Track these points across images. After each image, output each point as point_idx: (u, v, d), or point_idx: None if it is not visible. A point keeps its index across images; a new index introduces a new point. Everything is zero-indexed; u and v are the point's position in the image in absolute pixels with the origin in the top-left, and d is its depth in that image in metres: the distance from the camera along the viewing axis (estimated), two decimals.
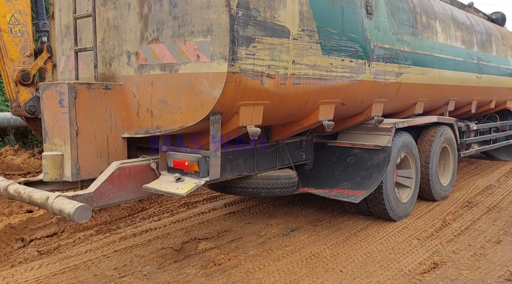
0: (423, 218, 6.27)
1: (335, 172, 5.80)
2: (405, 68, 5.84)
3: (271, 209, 6.70)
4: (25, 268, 4.48)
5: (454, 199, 7.33)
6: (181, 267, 4.49)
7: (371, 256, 4.79)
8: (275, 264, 4.56)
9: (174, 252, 4.88)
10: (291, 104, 4.32)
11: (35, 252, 4.93)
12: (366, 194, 5.24)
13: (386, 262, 4.63)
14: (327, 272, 4.37)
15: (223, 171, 4.62)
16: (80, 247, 5.09)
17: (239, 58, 3.49)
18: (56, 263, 4.60)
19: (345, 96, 5.00)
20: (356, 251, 4.93)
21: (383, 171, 5.42)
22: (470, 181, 8.77)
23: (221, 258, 4.62)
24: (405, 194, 6.23)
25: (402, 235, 5.53)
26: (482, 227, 5.87)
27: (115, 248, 5.02)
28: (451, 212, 6.53)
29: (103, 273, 4.33)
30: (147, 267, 4.49)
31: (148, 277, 4.25)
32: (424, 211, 6.58)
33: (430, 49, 6.42)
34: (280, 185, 5.36)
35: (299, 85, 4.24)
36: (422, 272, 4.40)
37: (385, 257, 4.77)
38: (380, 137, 5.74)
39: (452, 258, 4.79)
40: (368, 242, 5.25)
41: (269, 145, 5.22)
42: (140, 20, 3.82)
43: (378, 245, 5.14)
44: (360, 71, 5.05)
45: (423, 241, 5.30)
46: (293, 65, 4.12)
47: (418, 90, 6.34)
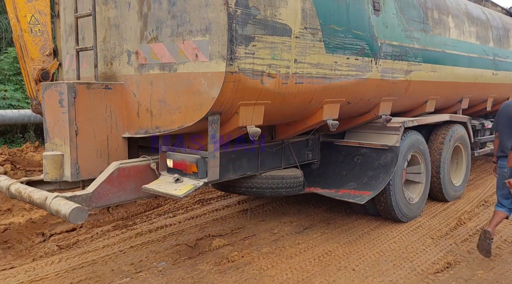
0: (438, 217, 6.21)
1: (342, 171, 5.74)
2: (414, 66, 5.73)
3: (284, 207, 6.71)
4: (45, 262, 4.61)
5: (470, 197, 7.23)
6: (195, 263, 4.56)
7: (384, 255, 4.78)
8: (287, 262, 4.60)
9: (189, 249, 4.96)
10: (294, 103, 4.27)
11: (55, 246, 5.06)
12: (373, 195, 5.16)
13: (399, 261, 4.62)
14: (339, 271, 4.38)
15: (225, 171, 4.62)
16: (98, 242, 5.21)
17: (237, 57, 3.46)
18: (75, 258, 4.73)
19: (350, 95, 4.93)
20: (369, 250, 4.92)
21: (390, 171, 5.34)
22: (487, 179, 8.62)
23: (235, 255, 4.69)
24: (415, 194, 6.13)
25: (416, 234, 5.50)
26: (498, 227, 5.69)
27: (131, 243, 5.13)
28: (466, 211, 6.46)
29: (120, 268, 4.44)
30: (162, 263, 4.57)
31: (163, 273, 4.33)
32: (438, 210, 6.51)
33: (442, 46, 6.28)
34: (285, 185, 5.32)
35: (301, 84, 4.19)
36: (436, 271, 4.37)
37: (398, 256, 4.75)
38: (388, 137, 5.64)
39: (466, 258, 4.75)
40: (381, 240, 5.23)
41: (274, 144, 5.18)
42: (140, 19, 3.82)
43: (391, 244, 5.12)
44: (367, 70, 4.97)
45: (437, 240, 5.26)
46: (295, 64, 4.08)
47: (429, 88, 6.21)
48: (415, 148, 5.98)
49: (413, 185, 6.23)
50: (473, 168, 9.88)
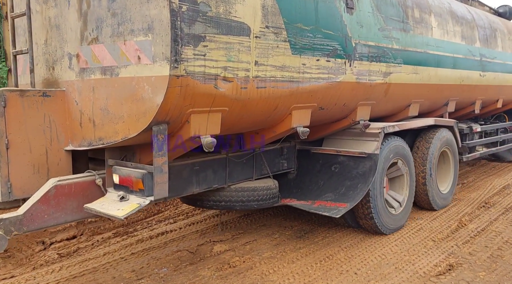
0: (439, 219, 6.18)
1: (319, 181, 5.35)
2: (394, 67, 5.37)
3: (284, 211, 6.61)
4: (46, 271, 4.57)
5: (471, 199, 7.18)
6: (196, 269, 4.56)
7: (385, 258, 4.77)
8: (289, 266, 4.59)
9: (190, 255, 4.96)
10: (257, 110, 3.89)
11: (55, 254, 5.03)
12: (349, 207, 4.78)
13: (401, 264, 4.60)
14: (341, 274, 4.37)
15: (187, 184, 4.24)
16: (99, 250, 5.19)
17: (184, 59, 3.08)
18: (76, 266, 4.71)
19: (323, 100, 4.55)
20: (371, 253, 4.90)
21: (369, 181, 4.95)
22: (487, 180, 8.58)
23: (236, 260, 4.69)
24: (398, 204, 5.74)
25: (417, 236, 5.47)
26: (500, 228, 5.77)
27: (132, 250, 5.12)
28: (467, 213, 6.42)
29: (121, 275, 4.43)
30: (163, 269, 4.57)
31: (164, 279, 4.33)
32: (439, 212, 6.47)
33: (424, 46, 5.93)
34: (257, 197, 4.94)
35: (264, 89, 3.81)
36: (438, 274, 4.36)
37: (400, 259, 4.74)
38: (367, 144, 5.27)
39: (468, 259, 4.73)
40: (382, 244, 5.21)
41: (244, 153, 4.80)
42: (80, 18, 3.43)
43: (393, 247, 5.10)
44: (340, 72, 4.60)
45: (439, 243, 5.24)
46: (256, 67, 3.70)
47: (411, 91, 5.85)
48: (397, 155, 5.60)
49: (396, 193, 5.85)
50: (473, 169, 9.84)
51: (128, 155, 3.77)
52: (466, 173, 9.39)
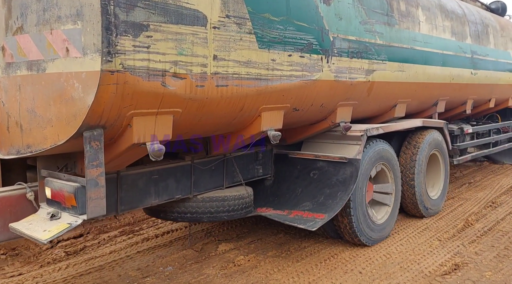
0: (445, 218, 6.08)
1: (297, 188, 4.86)
2: (378, 65, 4.88)
3: None
4: (53, 268, 4.58)
5: (478, 198, 7.09)
6: (201, 267, 4.55)
7: (390, 257, 4.72)
8: (294, 265, 4.54)
9: (195, 253, 4.94)
10: (218, 112, 3.38)
11: (62, 253, 5.02)
12: (327, 218, 4.28)
13: (406, 264, 4.55)
14: (346, 273, 4.32)
15: (144, 195, 3.74)
16: (105, 248, 5.17)
17: (121, 51, 2.57)
18: (82, 264, 4.71)
19: (296, 100, 4.05)
20: (375, 252, 4.84)
21: (349, 189, 4.46)
22: (495, 180, 8.47)
23: (241, 259, 4.65)
24: (382, 213, 5.26)
25: (423, 236, 5.39)
26: (506, 228, 5.68)
27: (138, 249, 5.11)
28: (474, 212, 6.33)
29: (127, 273, 4.44)
30: (169, 267, 4.55)
31: (169, 277, 4.33)
32: (446, 212, 6.38)
33: (411, 42, 5.45)
34: (227, 208, 4.43)
35: (226, 88, 3.31)
36: (443, 273, 4.30)
37: (405, 258, 4.69)
38: (348, 148, 4.78)
39: (474, 259, 4.67)
40: (387, 243, 5.14)
41: (212, 159, 4.29)
42: (4, 4, 2.91)
43: (398, 246, 5.04)
44: (316, 69, 4.10)
45: (445, 242, 5.17)
46: (216, 62, 3.19)
47: (396, 90, 5.37)
48: (381, 160, 5.12)
49: (380, 203, 5.36)
50: (480, 169, 9.66)
51: (69, 163, 3.26)
52: (473, 172, 9.27)
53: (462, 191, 7.70)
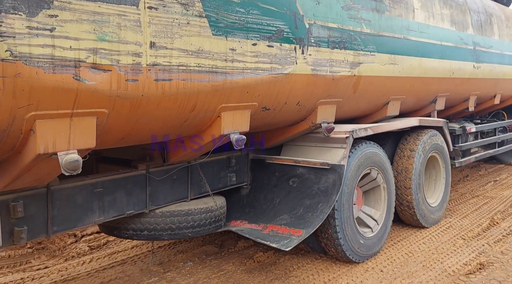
0: (469, 217, 5.90)
1: (275, 198, 4.22)
2: (365, 56, 4.22)
3: None
4: (77, 262, 4.65)
5: (503, 197, 6.88)
6: (221, 263, 4.50)
7: (412, 256, 4.58)
8: (313, 263, 4.42)
9: (215, 249, 4.92)
10: (161, 112, 2.75)
11: (86, 247, 5.08)
12: (304, 235, 3.64)
13: (428, 262, 4.42)
14: (366, 272, 4.20)
15: (83, 213, 3.13)
16: (127, 243, 5.17)
17: (7, 34, 1.95)
18: (105, 258, 4.77)
19: (266, 98, 3.41)
20: (397, 251, 4.71)
21: (331, 200, 3.81)
22: None
23: (260, 256, 4.56)
24: (373, 224, 4.59)
25: (446, 234, 5.24)
26: None
27: (159, 244, 5.09)
28: (500, 211, 6.13)
29: (148, 268, 4.43)
30: (189, 263, 4.53)
31: (190, 272, 4.30)
32: (470, 210, 6.20)
33: (404, 31, 4.78)
34: (192, 223, 3.82)
35: (169, 82, 2.67)
36: (468, 273, 4.16)
37: (428, 257, 4.55)
38: (332, 152, 4.13)
39: (500, 258, 4.52)
40: (409, 241, 5.00)
41: (171, 167, 3.67)
42: None
43: (421, 245, 4.89)
44: (288, 61, 3.46)
45: (469, 241, 5.01)
46: (154, 51, 2.56)
47: (388, 86, 4.70)
48: (371, 164, 4.46)
49: (372, 210, 4.70)
50: (506, 167, 9.33)
51: None
52: (499, 170, 9.03)
53: (487, 189, 7.45)
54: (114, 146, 2.92)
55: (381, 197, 4.66)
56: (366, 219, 4.58)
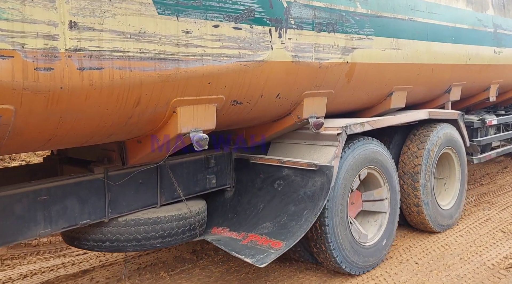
0: (509, 209, 5.62)
1: (259, 203, 3.69)
2: (360, 41, 3.60)
3: None
4: None
5: None
6: None
7: (449, 248, 4.40)
8: None
9: None
10: (93, 108, 2.24)
11: None
12: (284, 249, 3.09)
13: (466, 255, 4.23)
14: (401, 264, 4.06)
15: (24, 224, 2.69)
16: None
17: None
18: None
19: (234, 90, 2.86)
20: (433, 243, 4.53)
21: (317, 207, 3.24)
22: None
23: None
24: (373, 232, 3.99)
25: (485, 227, 5.00)
26: None
27: None
28: None
29: (182, 255, 4.44)
30: (221, 251, 4.29)
31: (222, 260, 4.26)
32: (510, 202, 5.89)
33: (409, 12, 4.12)
34: (161, 232, 3.33)
35: (99, 72, 2.16)
36: (508, 266, 3.96)
37: (465, 250, 4.36)
38: (323, 150, 3.55)
39: None
40: (446, 234, 4.78)
41: (134, 170, 3.17)
42: None
43: (458, 238, 4.68)
44: (262, 46, 2.89)
45: (509, 234, 4.77)
46: (75, 32, 2.05)
47: (390, 74, 4.06)
48: (370, 164, 3.84)
49: (371, 216, 4.09)
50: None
51: None
52: None
53: None
54: (40, 149, 2.44)
55: (383, 200, 4.04)
56: (365, 226, 3.99)
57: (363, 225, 4.01)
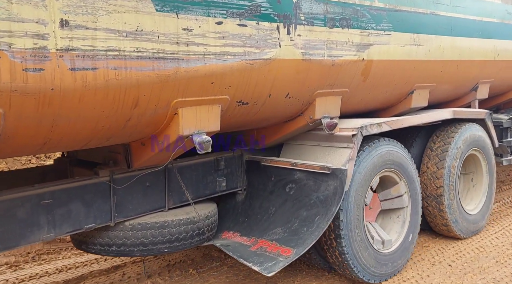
0: None
1: (270, 207, 3.53)
2: (377, 37, 3.39)
3: None
4: None
5: None
6: None
7: (484, 251, 4.24)
8: None
9: None
10: (89, 111, 2.14)
11: None
12: (293, 257, 2.92)
13: (503, 258, 4.08)
14: (433, 266, 3.95)
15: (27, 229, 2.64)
16: None
17: None
18: None
19: (240, 90, 2.71)
20: (467, 245, 4.38)
21: (330, 213, 3.06)
22: None
23: None
24: (397, 230, 3.77)
25: None
26: None
27: None
28: None
29: (210, 253, 4.39)
30: None
31: None
32: None
33: (431, 6, 3.87)
34: (168, 237, 3.23)
35: (93, 72, 2.06)
36: None
37: (502, 253, 4.20)
38: (337, 153, 3.37)
39: None
40: (480, 235, 4.62)
41: (140, 173, 3.08)
42: None
43: (493, 240, 4.52)
44: (269, 44, 2.73)
45: None
46: (67, 31, 1.96)
47: (410, 72, 3.82)
48: (389, 166, 3.63)
49: (393, 213, 3.86)
50: None
51: None
52: None
53: None
54: (38, 153, 2.37)
55: (403, 205, 3.81)
56: (387, 224, 3.77)
57: (386, 223, 3.82)
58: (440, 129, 4.38)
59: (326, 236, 3.33)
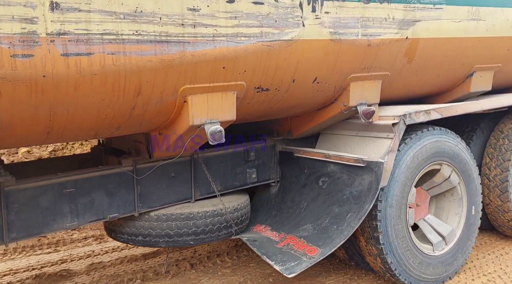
0: None
1: (303, 201, 3.27)
2: (424, 11, 2.93)
3: None
4: None
5: None
6: None
7: None
8: None
9: None
10: (87, 98, 2.02)
11: None
12: (318, 257, 2.63)
13: None
14: None
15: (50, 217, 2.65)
16: None
17: None
18: None
19: (257, 75, 2.45)
20: None
21: (362, 210, 2.71)
22: None
23: None
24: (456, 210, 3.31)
25: None
26: None
27: None
28: None
29: (242, 244, 4.26)
30: None
31: None
32: None
33: None
34: (194, 229, 3.10)
35: (88, 57, 1.93)
36: None
37: None
38: (376, 143, 3.00)
39: None
40: None
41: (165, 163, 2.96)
42: None
43: None
44: (290, 23, 2.43)
45: None
46: (57, 14, 1.84)
47: (468, 51, 3.29)
48: (440, 159, 3.16)
49: (446, 200, 3.39)
50: None
51: None
52: None
53: None
54: (45, 142, 2.31)
55: (457, 202, 3.32)
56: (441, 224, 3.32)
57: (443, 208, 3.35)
58: (508, 116, 3.77)
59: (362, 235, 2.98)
